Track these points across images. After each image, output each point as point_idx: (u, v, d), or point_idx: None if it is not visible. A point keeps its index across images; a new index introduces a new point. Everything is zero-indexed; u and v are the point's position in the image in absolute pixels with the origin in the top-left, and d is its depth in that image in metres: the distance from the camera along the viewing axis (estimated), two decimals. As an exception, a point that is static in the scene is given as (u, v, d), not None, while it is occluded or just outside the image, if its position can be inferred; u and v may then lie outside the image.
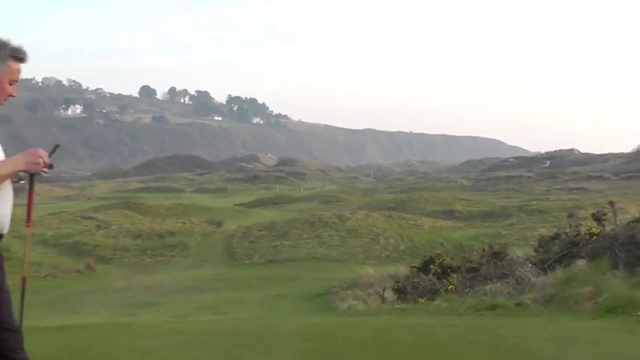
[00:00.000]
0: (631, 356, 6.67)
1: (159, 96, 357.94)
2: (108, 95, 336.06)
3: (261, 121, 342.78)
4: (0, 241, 3.81)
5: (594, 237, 14.04)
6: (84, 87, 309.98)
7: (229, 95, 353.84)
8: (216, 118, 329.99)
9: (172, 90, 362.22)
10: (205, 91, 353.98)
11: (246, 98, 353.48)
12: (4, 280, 3.89)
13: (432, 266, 18.01)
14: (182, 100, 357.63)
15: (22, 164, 3.62)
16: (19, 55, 3.75)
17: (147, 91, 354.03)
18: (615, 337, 7.70)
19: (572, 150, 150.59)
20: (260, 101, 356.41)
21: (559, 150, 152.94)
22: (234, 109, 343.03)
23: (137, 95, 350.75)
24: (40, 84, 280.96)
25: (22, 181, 3.85)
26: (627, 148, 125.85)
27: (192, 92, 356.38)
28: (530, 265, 13.83)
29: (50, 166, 3.75)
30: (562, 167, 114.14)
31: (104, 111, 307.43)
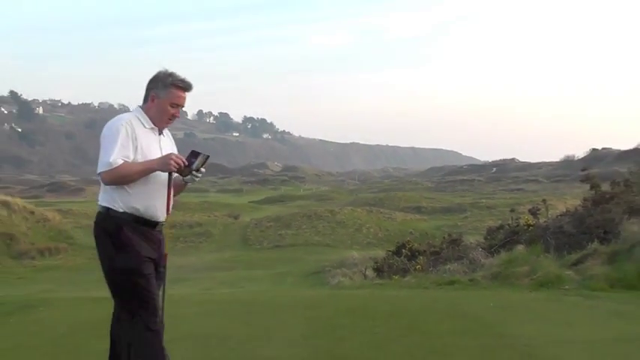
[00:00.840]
0: (558, 319, 6.69)
1: (189, 117, 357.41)
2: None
3: (269, 137, 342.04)
4: (157, 227, 3.79)
5: (530, 227, 14.08)
6: (132, 109, 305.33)
7: (245, 116, 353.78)
8: (234, 134, 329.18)
9: (200, 112, 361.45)
10: (226, 113, 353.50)
11: (257, 118, 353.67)
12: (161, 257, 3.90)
13: (403, 250, 18.04)
14: (207, 120, 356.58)
15: (155, 164, 3.66)
16: (180, 85, 3.79)
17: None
18: (547, 306, 7.72)
19: (513, 159, 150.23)
20: (269, 121, 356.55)
21: (503, 159, 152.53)
22: (249, 127, 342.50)
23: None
24: (96, 107, 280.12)
25: (188, 184, 3.90)
26: (556, 157, 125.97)
27: (216, 114, 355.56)
28: (480, 249, 13.86)
29: (198, 171, 3.74)
30: (505, 173, 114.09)
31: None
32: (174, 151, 3.96)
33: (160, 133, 3.90)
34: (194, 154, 3.74)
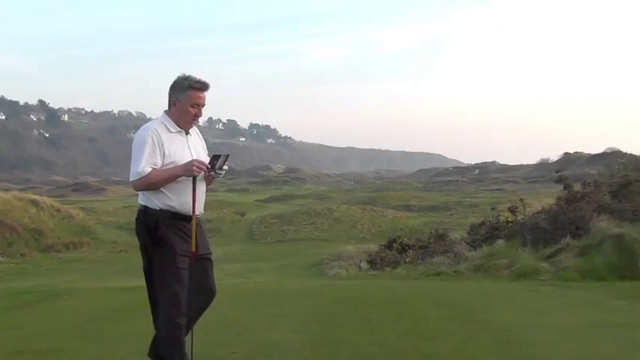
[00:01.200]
0: (534, 307, 6.71)
1: (200, 123, 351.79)
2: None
3: (273, 141, 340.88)
4: (191, 221, 3.80)
5: (509, 224, 14.06)
6: (147, 117, 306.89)
7: (250, 122, 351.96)
8: (241, 139, 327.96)
9: (210, 119, 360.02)
10: (234, 120, 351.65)
11: (262, 125, 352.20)
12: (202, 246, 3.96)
13: (394, 244, 17.99)
14: (217, 126, 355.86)
15: (180, 170, 3.70)
16: (197, 86, 3.79)
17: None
18: (524, 295, 7.74)
19: (494, 162, 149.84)
20: (272, 127, 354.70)
21: (485, 162, 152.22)
22: (254, 132, 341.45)
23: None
24: (116, 114, 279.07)
25: (215, 179, 3.94)
26: (532, 160, 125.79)
27: (225, 120, 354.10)
28: (464, 243, 13.84)
29: (221, 169, 3.79)
30: (487, 174, 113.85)
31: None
32: (203, 148, 4.00)
33: (187, 133, 3.89)
34: (215, 157, 3.79)
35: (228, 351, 4.65)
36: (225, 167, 3.85)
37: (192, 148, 3.87)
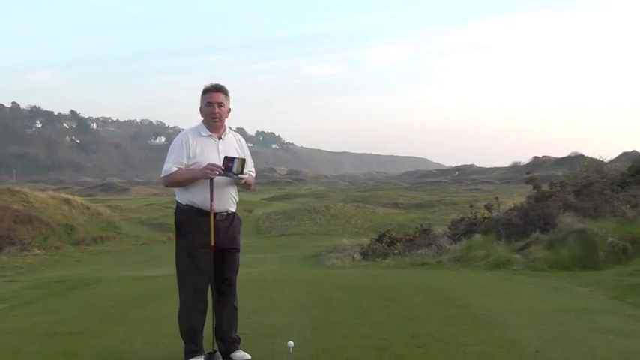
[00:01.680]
0: (508, 293, 6.71)
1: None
2: (182, 130, 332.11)
3: (277, 147, 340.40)
4: (216, 216, 3.81)
5: (486, 219, 14.11)
6: (166, 125, 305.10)
7: (257, 130, 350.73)
8: (249, 145, 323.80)
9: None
10: (242, 128, 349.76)
11: (268, 132, 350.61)
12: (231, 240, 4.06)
13: (384, 238, 17.96)
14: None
15: (199, 173, 3.72)
16: (207, 89, 3.87)
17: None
18: (499, 282, 7.74)
19: (472, 165, 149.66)
20: (276, 134, 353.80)
21: (464, 165, 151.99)
22: (260, 139, 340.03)
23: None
24: (139, 123, 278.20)
25: (241, 181, 3.90)
26: (506, 163, 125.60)
27: (234, 128, 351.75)
28: (446, 237, 13.87)
29: (238, 174, 3.77)
30: (466, 176, 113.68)
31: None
32: (239, 154, 3.94)
33: (220, 138, 3.91)
34: (229, 160, 3.76)
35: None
36: (244, 175, 3.84)
37: (222, 152, 3.85)
